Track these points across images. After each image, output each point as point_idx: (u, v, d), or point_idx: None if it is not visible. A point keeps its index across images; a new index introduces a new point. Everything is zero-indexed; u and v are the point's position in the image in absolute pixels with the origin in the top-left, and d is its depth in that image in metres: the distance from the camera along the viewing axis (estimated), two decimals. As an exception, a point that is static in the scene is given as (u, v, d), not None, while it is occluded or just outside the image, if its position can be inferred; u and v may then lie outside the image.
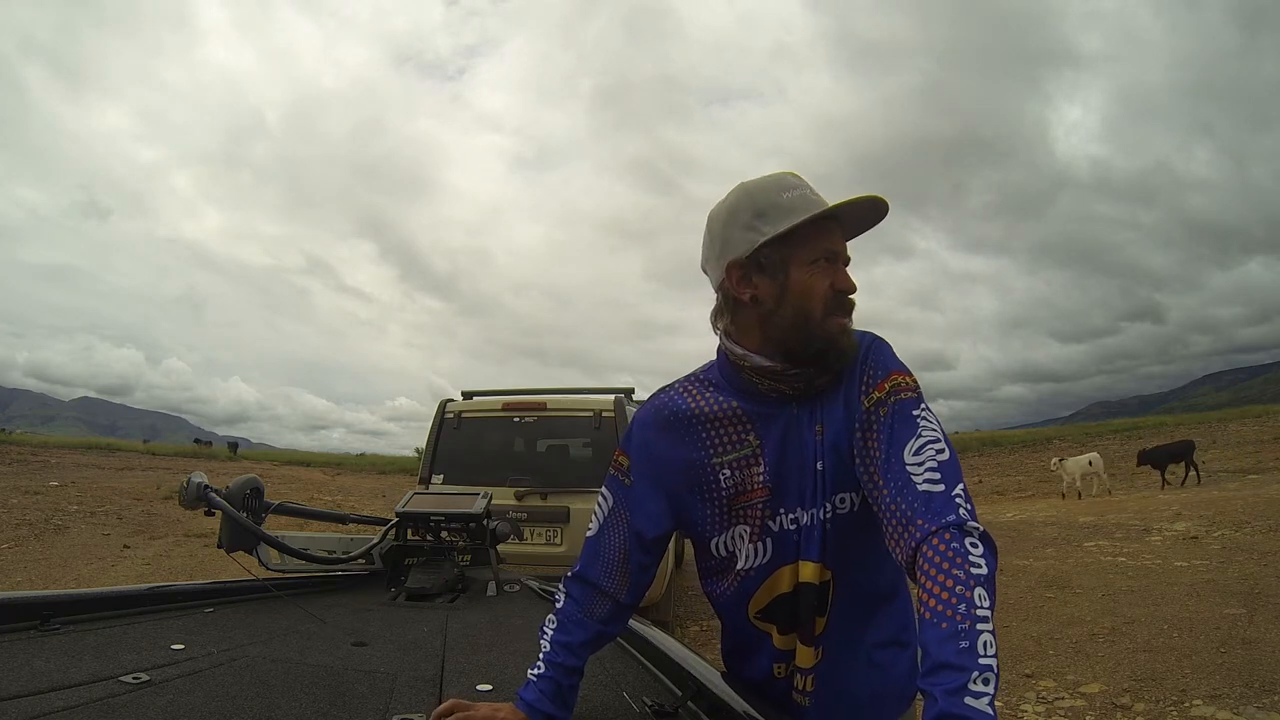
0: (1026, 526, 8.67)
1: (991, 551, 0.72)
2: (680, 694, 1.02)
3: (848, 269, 0.94)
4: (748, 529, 0.95)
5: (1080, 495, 13.18)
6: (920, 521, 0.75)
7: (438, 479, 4.57)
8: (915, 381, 0.90)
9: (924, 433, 0.83)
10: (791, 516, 0.93)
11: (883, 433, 0.85)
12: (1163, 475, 13.49)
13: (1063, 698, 3.38)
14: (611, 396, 4.69)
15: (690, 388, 1.00)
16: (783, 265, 0.92)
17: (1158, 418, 25.75)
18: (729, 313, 0.96)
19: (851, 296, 0.93)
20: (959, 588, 0.67)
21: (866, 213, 0.92)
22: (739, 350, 0.95)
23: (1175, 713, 3.10)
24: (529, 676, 0.91)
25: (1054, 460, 14.46)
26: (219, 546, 1.70)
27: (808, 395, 0.94)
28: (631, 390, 4.95)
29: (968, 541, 0.71)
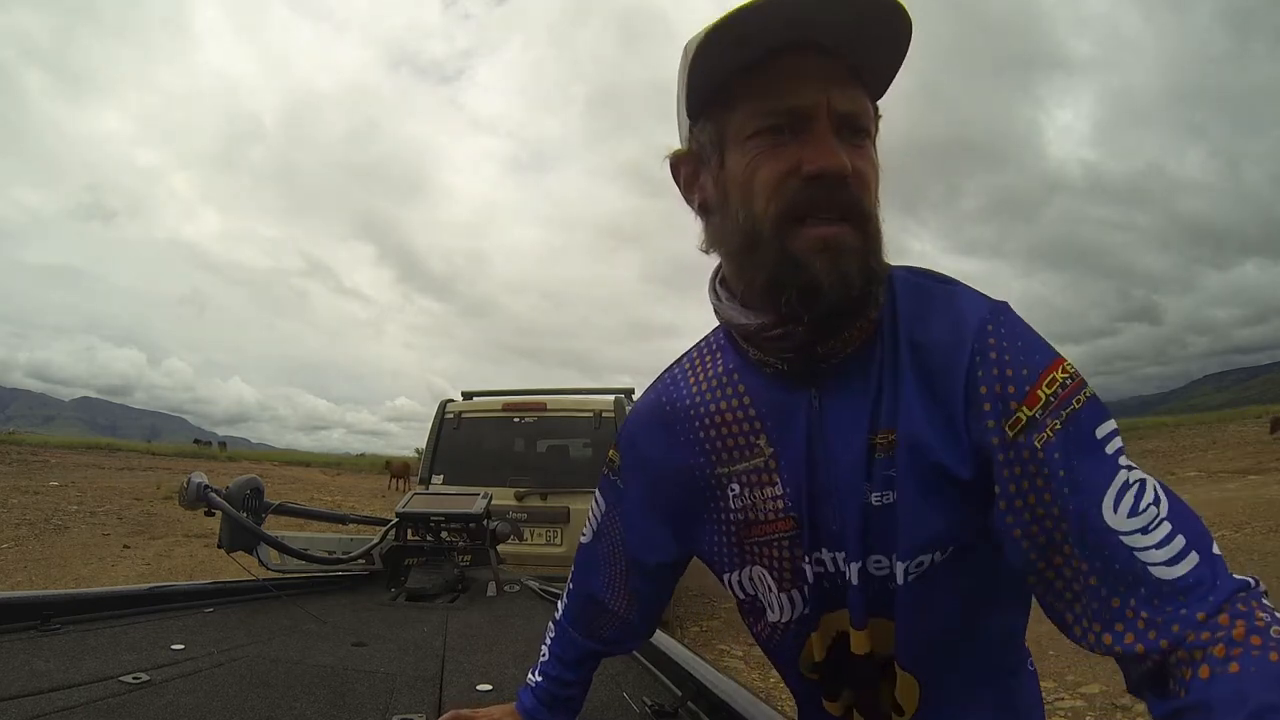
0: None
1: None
2: (680, 694, 1.02)
3: (843, 133, 0.54)
4: (771, 574, 0.64)
5: None
6: (1199, 616, 0.43)
7: (438, 479, 4.58)
8: (1076, 372, 0.52)
9: (1123, 465, 0.49)
10: (833, 557, 0.61)
11: (1054, 479, 0.49)
12: None
13: (1063, 698, 3.38)
14: (611, 397, 4.70)
15: (699, 362, 0.70)
16: (716, 147, 0.58)
17: (1158, 418, 25.75)
18: (704, 234, 0.63)
19: (852, 187, 0.53)
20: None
21: (864, 22, 0.51)
22: (720, 299, 0.63)
23: (1175, 713, 3.10)
24: (528, 681, 0.85)
25: None
26: (219, 546, 1.70)
27: (833, 374, 0.58)
28: (631, 390, 4.95)
29: (1265, 598, 0.45)
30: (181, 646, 1.11)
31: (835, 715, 0.69)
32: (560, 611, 0.85)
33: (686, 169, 0.63)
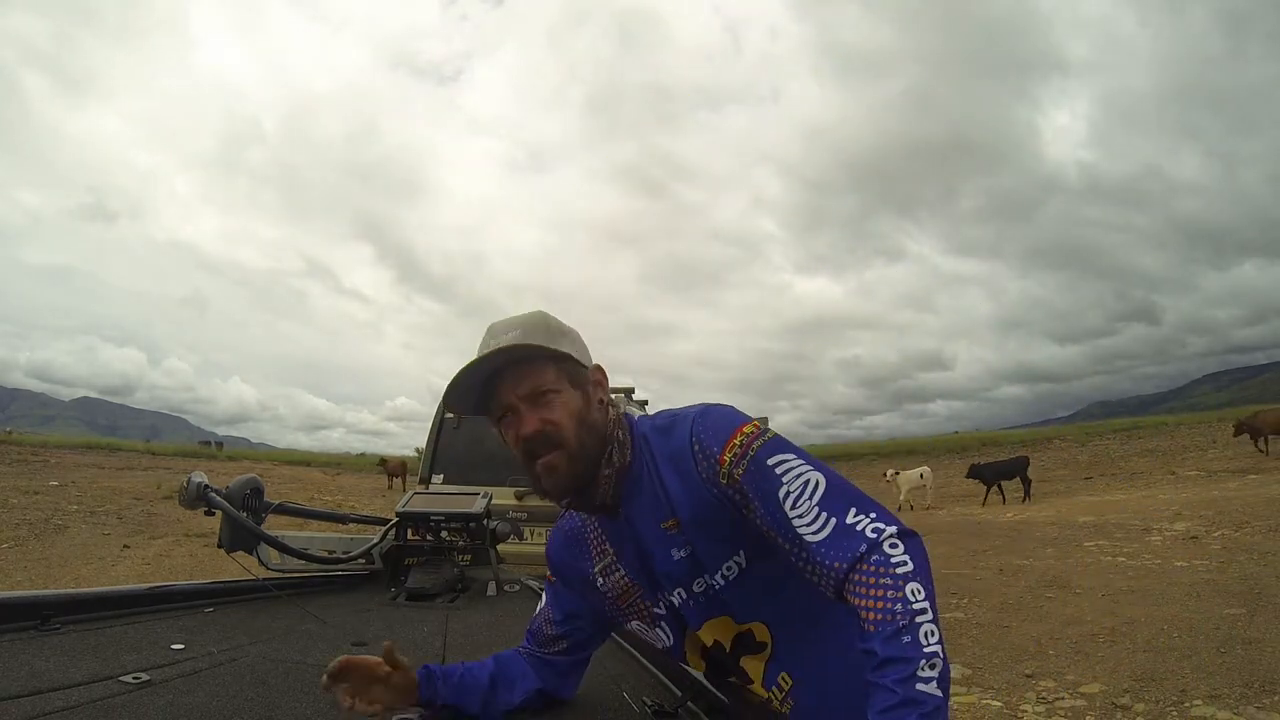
0: (1026, 526, 8.67)
1: (914, 545, 0.76)
2: (680, 694, 1.02)
3: (539, 401, 0.90)
4: (642, 621, 1.01)
5: (912, 507, 13.39)
6: (836, 565, 0.77)
7: (438, 479, 4.57)
8: (754, 428, 0.89)
9: (786, 478, 0.83)
10: (676, 592, 0.96)
11: (754, 500, 0.85)
12: (988, 491, 13.44)
13: (1063, 698, 3.38)
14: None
15: None
16: (496, 425, 0.96)
17: (1158, 417, 25.73)
18: None
19: (544, 433, 0.89)
20: (890, 592, 0.72)
21: (520, 359, 0.90)
22: None
23: (1175, 713, 3.10)
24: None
25: (889, 472, 14.69)
26: (219, 546, 1.70)
27: (627, 500, 0.95)
28: (632, 390, 4.94)
29: (886, 547, 0.76)
30: (181, 646, 1.11)
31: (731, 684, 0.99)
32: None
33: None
